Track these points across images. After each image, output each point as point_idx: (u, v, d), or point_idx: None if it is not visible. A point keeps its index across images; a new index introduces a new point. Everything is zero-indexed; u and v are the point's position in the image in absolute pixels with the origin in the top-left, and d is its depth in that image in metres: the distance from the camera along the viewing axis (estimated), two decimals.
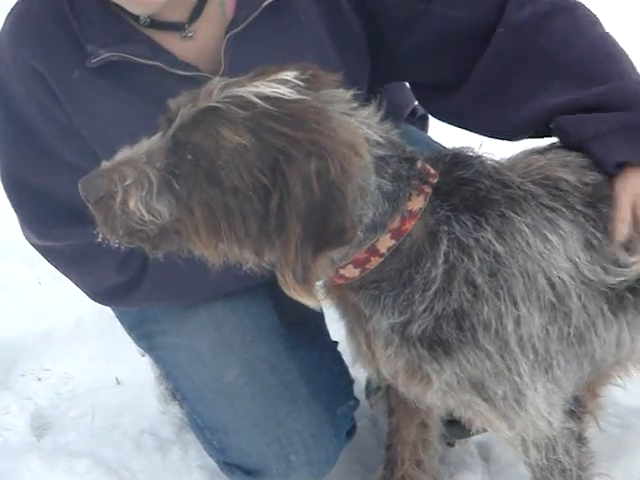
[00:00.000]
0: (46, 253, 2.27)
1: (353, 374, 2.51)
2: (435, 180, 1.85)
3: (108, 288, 2.26)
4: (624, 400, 2.75)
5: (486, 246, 1.83)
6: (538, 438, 2.00)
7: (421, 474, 2.45)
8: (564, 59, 2.09)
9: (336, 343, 2.42)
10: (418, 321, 1.86)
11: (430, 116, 2.60)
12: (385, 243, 1.81)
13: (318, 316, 2.40)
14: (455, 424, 2.41)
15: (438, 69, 2.24)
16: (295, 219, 1.64)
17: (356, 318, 1.98)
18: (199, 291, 2.25)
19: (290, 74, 1.73)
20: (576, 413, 2.04)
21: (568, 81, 2.07)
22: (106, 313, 2.68)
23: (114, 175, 1.71)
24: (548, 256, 1.88)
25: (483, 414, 1.96)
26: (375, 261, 1.83)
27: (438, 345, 1.87)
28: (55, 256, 2.26)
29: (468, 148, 1.97)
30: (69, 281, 2.34)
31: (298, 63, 1.79)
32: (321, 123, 1.67)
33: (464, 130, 2.32)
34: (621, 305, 2.00)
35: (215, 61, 2.13)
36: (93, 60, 2.05)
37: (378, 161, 1.77)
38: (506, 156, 2.05)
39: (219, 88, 1.71)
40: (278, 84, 1.71)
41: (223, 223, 1.69)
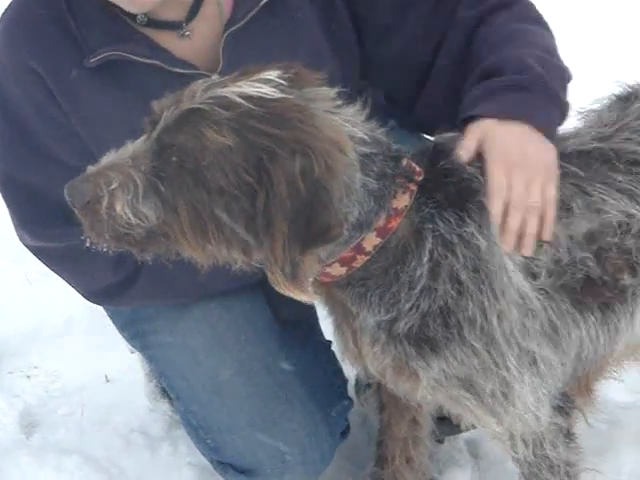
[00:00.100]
0: (40, 254, 2.26)
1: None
2: (420, 177, 1.86)
3: (102, 288, 2.25)
4: (612, 396, 2.77)
5: (469, 241, 1.84)
6: (526, 433, 2.02)
7: (411, 471, 2.47)
8: (481, 52, 2.08)
9: (330, 342, 2.42)
10: (404, 319, 1.87)
11: None
12: (371, 241, 1.83)
13: (311, 315, 2.41)
14: (444, 421, 2.43)
15: (403, 79, 2.26)
16: (281, 217, 1.65)
17: (343, 315, 1.99)
18: (193, 290, 2.25)
19: (273, 73, 1.74)
20: (564, 409, 2.06)
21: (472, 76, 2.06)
22: (95, 310, 2.67)
23: (100, 179, 1.72)
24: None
25: (472, 410, 1.97)
26: (361, 259, 1.84)
27: (425, 343, 1.88)
28: (49, 256, 2.26)
29: (448, 136, 1.96)
30: (58, 278, 2.33)
31: (292, 61, 1.80)
32: (305, 121, 1.68)
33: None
34: (587, 305, 1.99)
35: (213, 59, 2.13)
36: (91, 59, 2.05)
37: (363, 159, 1.78)
38: None
39: (202, 89, 1.72)
40: (261, 84, 1.71)
41: (210, 224, 1.70)
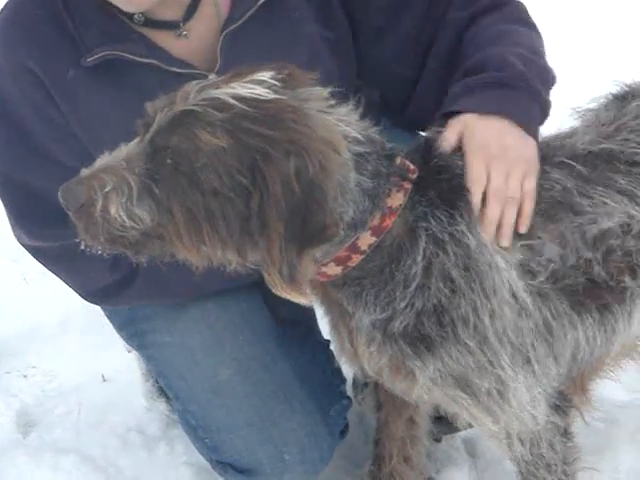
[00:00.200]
0: (37, 254, 2.27)
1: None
2: (414, 175, 1.87)
3: (100, 287, 2.26)
4: (610, 395, 2.77)
5: (459, 240, 1.85)
6: (522, 432, 2.02)
7: (409, 470, 2.47)
8: (467, 53, 2.11)
9: (328, 342, 2.42)
10: (400, 317, 1.88)
11: None
12: (366, 240, 1.83)
13: (309, 314, 2.41)
14: (442, 420, 2.43)
15: (396, 81, 2.28)
16: (276, 218, 1.66)
17: (339, 315, 2.00)
18: (191, 289, 2.25)
19: (266, 74, 1.75)
20: (561, 408, 2.07)
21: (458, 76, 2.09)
22: (92, 310, 2.67)
23: (94, 182, 1.73)
24: (501, 252, 1.89)
25: (468, 409, 1.98)
26: (356, 258, 1.85)
27: (420, 342, 1.89)
28: (46, 256, 2.27)
29: (439, 130, 1.98)
30: (55, 278, 2.34)
31: (290, 60, 1.81)
32: (298, 122, 1.69)
33: None
34: (585, 307, 2.00)
35: (210, 59, 2.14)
36: (89, 59, 2.06)
37: (357, 158, 1.79)
38: None
39: (195, 91, 1.72)
40: (254, 85, 1.72)
41: (205, 225, 1.71)
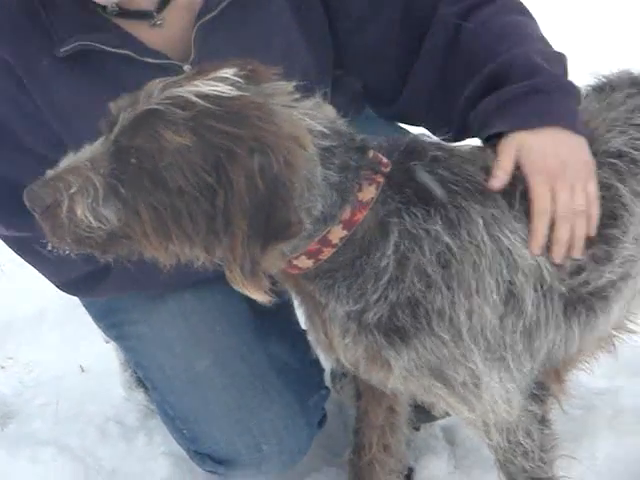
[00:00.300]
0: (12, 243, 2.28)
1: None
2: (387, 169, 1.87)
3: (75, 278, 2.26)
4: (587, 382, 2.78)
5: (436, 237, 1.85)
6: (499, 421, 2.04)
7: (388, 458, 2.48)
8: (475, 47, 2.11)
9: (306, 332, 2.39)
10: (373, 309, 1.88)
11: None
12: (337, 234, 1.84)
13: (287, 305, 2.41)
14: (421, 408, 2.42)
15: (381, 71, 2.27)
16: (240, 215, 1.66)
17: (313, 307, 2.01)
18: (168, 280, 2.18)
19: (229, 71, 1.75)
20: (539, 396, 2.08)
21: (476, 67, 2.08)
22: (69, 301, 2.69)
23: (59, 184, 1.73)
24: (506, 256, 1.90)
25: (443, 398, 2.00)
26: (328, 251, 1.85)
27: (394, 332, 1.90)
28: (20, 246, 2.27)
29: (424, 136, 1.98)
30: (32, 268, 2.34)
31: (265, 52, 1.84)
32: (263, 118, 1.69)
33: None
34: (575, 310, 2.03)
35: (184, 49, 2.14)
36: (62, 49, 2.06)
37: (323, 152, 1.79)
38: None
39: (159, 89, 1.72)
40: (217, 82, 1.72)
41: (171, 224, 1.71)
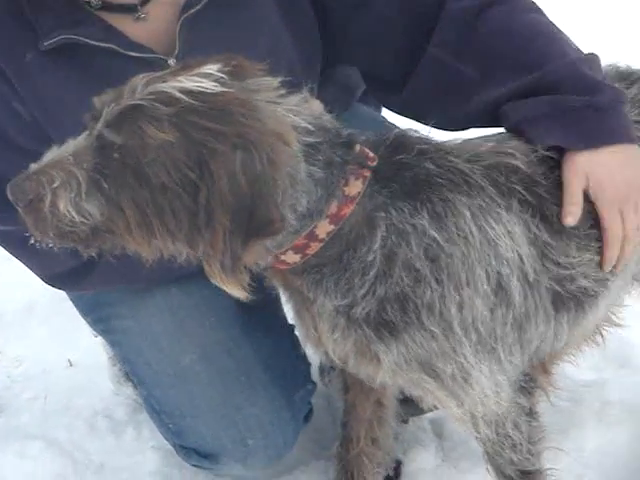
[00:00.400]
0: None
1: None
2: (374, 164, 1.88)
3: (61, 272, 2.27)
4: (574, 374, 2.79)
5: (423, 232, 1.86)
6: (487, 414, 2.05)
7: (376, 451, 2.49)
8: (501, 48, 2.12)
9: (293, 327, 2.43)
10: (361, 304, 1.89)
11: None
12: (324, 228, 1.84)
13: (275, 300, 2.40)
14: (409, 401, 2.44)
15: (383, 57, 2.26)
16: (222, 211, 1.66)
17: (301, 302, 2.01)
18: (154, 274, 2.19)
19: (213, 67, 1.74)
20: (527, 389, 2.09)
21: (508, 70, 2.10)
22: (57, 295, 2.69)
23: (42, 178, 1.73)
24: (493, 246, 1.91)
25: (432, 392, 2.01)
26: (315, 246, 1.86)
27: (383, 327, 1.90)
28: (6, 240, 2.27)
29: (411, 130, 1.99)
30: (19, 262, 2.35)
31: (250, 47, 1.84)
32: (246, 115, 1.69)
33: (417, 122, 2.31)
34: (565, 306, 2.04)
35: (169, 43, 2.14)
36: (46, 43, 2.06)
37: (308, 149, 1.79)
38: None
39: (142, 84, 1.72)
40: (201, 78, 1.72)
41: (154, 220, 1.71)
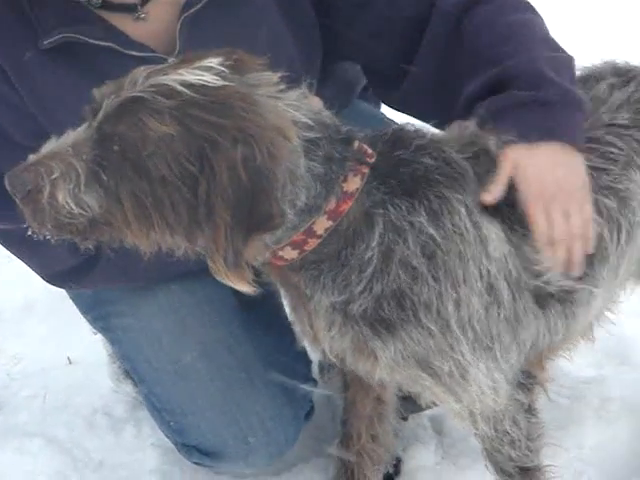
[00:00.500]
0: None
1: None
2: (372, 160, 1.88)
3: (62, 271, 2.27)
4: (574, 371, 2.80)
5: (420, 229, 1.86)
6: (485, 411, 2.06)
7: (376, 448, 2.50)
8: (479, 46, 2.12)
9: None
10: (358, 301, 1.90)
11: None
12: (322, 224, 1.85)
13: (275, 297, 2.38)
14: (408, 398, 2.44)
15: (384, 54, 2.27)
16: (223, 206, 1.67)
17: (298, 298, 2.02)
18: (155, 272, 2.25)
19: (214, 60, 1.75)
20: (525, 385, 2.10)
21: (479, 67, 2.10)
22: (57, 292, 2.68)
23: (41, 168, 1.73)
24: (484, 244, 1.92)
25: (430, 388, 2.01)
26: (313, 242, 1.86)
27: (380, 324, 1.91)
28: (6, 239, 2.28)
29: (409, 124, 2.00)
30: (18, 261, 2.35)
31: (250, 46, 1.82)
32: (247, 109, 1.69)
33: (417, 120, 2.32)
34: (550, 304, 2.04)
35: (169, 43, 2.15)
36: (45, 41, 2.07)
37: (308, 144, 1.80)
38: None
39: (143, 77, 1.73)
40: (202, 71, 1.72)
41: (153, 213, 1.72)
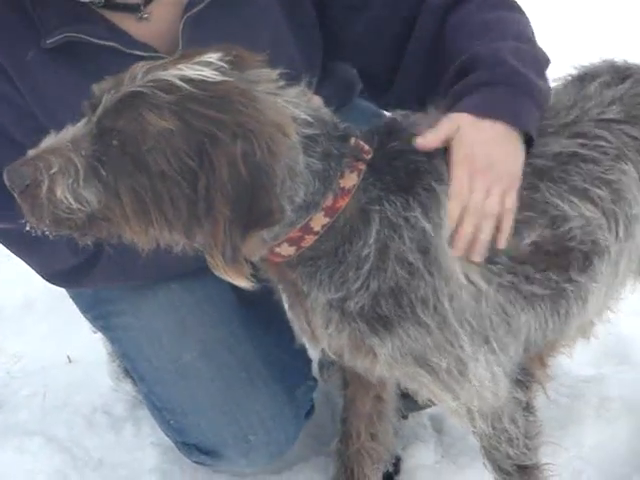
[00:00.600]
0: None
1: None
2: (369, 156, 1.89)
3: (62, 270, 2.28)
4: (573, 369, 2.81)
5: (414, 225, 1.87)
6: (484, 408, 2.06)
7: (376, 446, 2.50)
8: (457, 40, 2.12)
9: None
10: (355, 298, 1.90)
11: None
12: (319, 221, 1.86)
13: (274, 296, 2.43)
14: (408, 397, 2.43)
15: (378, 57, 2.28)
16: (222, 201, 1.68)
17: (295, 295, 2.02)
18: (155, 271, 2.27)
19: (214, 56, 1.76)
20: (523, 382, 2.11)
21: (455, 59, 2.09)
22: (57, 291, 2.68)
23: (39, 163, 1.73)
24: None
25: (427, 386, 2.02)
26: (310, 239, 1.87)
27: (377, 321, 1.92)
28: (6, 238, 2.28)
29: (401, 114, 2.00)
30: (18, 259, 2.36)
31: (252, 46, 1.83)
32: (246, 104, 1.70)
33: None
34: (538, 298, 2.03)
35: (171, 43, 2.15)
36: (48, 40, 2.07)
37: (307, 140, 1.80)
38: None
39: (143, 72, 1.74)
40: (202, 66, 1.73)
41: (152, 208, 1.72)
